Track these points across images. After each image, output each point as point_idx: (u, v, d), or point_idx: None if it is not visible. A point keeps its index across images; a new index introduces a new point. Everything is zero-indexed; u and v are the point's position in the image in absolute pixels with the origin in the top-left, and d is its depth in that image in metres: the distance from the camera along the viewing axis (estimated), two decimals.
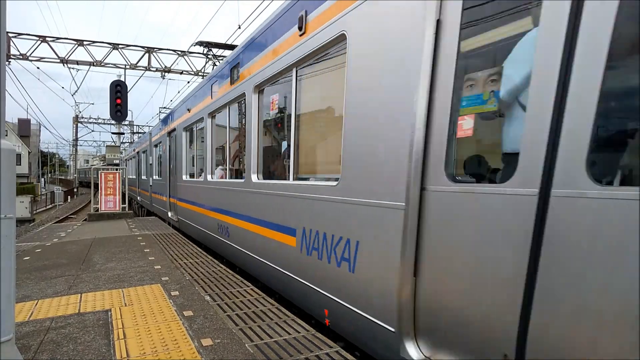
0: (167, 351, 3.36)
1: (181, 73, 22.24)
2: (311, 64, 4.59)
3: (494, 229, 2.34)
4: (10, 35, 18.86)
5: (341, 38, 3.82)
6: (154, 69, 21.60)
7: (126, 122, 45.81)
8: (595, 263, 1.89)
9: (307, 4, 4.43)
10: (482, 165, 2.90)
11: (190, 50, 21.46)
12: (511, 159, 2.37)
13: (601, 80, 1.93)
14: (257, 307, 4.47)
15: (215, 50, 14.95)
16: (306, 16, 4.42)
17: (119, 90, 15.84)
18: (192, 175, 10.74)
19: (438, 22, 2.75)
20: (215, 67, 15.59)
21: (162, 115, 20.67)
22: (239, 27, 16.54)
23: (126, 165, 23.89)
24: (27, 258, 7.27)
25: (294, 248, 4.59)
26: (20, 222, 24.07)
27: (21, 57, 19.40)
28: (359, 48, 3.53)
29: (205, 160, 8.82)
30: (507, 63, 2.59)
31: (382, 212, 3.16)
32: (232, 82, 6.82)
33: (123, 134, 42.87)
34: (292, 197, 4.71)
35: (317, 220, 4.14)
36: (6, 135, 2.43)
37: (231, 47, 12.75)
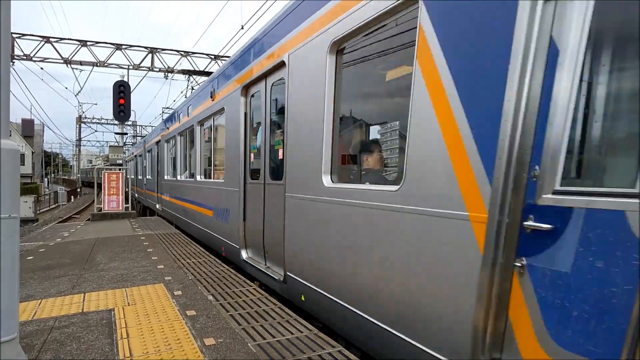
0: (170, 350, 3.37)
1: (184, 73, 22.27)
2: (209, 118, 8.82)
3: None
4: (14, 36, 18.93)
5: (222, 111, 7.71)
6: (157, 70, 21.65)
7: (129, 123, 45.98)
8: None
9: (215, 84, 8.16)
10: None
11: (176, 69, 21.56)
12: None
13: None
14: (260, 307, 4.48)
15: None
16: (215, 91, 8.20)
17: (122, 91, 15.90)
18: (171, 176, 13.85)
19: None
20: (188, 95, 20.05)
21: (166, 115, 20.98)
22: (242, 28, 16.58)
23: (127, 166, 24.88)
24: (31, 258, 7.30)
25: (212, 217, 8.21)
26: (24, 221, 24.17)
27: (25, 57, 19.47)
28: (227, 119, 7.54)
29: (176, 165, 12.67)
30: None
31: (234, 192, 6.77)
32: (188, 115, 10.90)
33: (126, 134, 43.00)
34: (209, 188, 8.60)
35: (216, 199, 7.92)
36: (10, 136, 2.44)
37: (208, 73, 17.24)
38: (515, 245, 2.17)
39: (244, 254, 6.35)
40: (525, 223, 2.12)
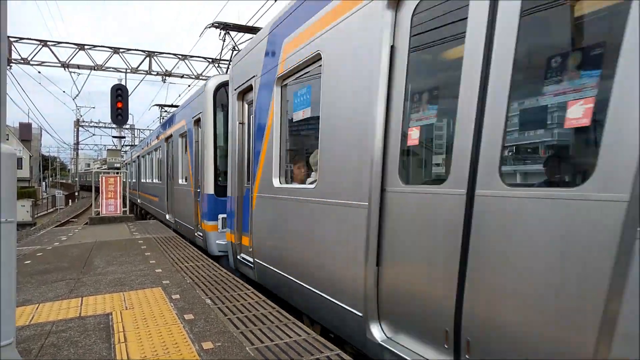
0: (168, 354, 3.36)
1: (182, 77, 22.28)
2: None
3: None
4: (11, 39, 18.92)
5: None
6: (155, 73, 21.64)
7: (127, 126, 45.90)
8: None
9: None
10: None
11: (174, 72, 21.70)
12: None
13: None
14: (258, 310, 4.47)
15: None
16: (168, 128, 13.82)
17: (119, 94, 15.90)
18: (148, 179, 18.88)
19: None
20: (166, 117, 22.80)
21: (165, 118, 21.13)
22: None
23: (126, 169, 25.50)
24: (28, 262, 7.28)
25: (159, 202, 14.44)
26: (22, 226, 24.08)
27: (22, 61, 19.44)
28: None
29: (151, 172, 18.17)
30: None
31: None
32: (158, 138, 15.53)
33: (124, 137, 42.92)
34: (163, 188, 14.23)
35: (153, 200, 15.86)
36: (7, 139, 2.43)
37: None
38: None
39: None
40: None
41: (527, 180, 2.85)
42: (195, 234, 9.66)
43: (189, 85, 23.42)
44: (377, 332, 3.27)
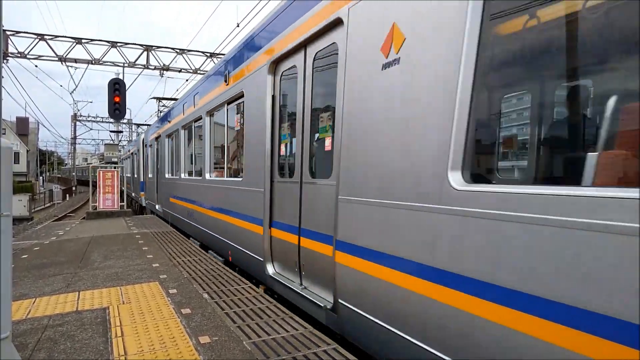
0: (165, 349, 3.36)
1: (179, 71, 22.19)
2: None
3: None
4: (8, 33, 18.80)
5: None
6: (153, 67, 21.55)
7: (125, 121, 45.74)
8: None
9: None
10: None
11: (172, 67, 21.74)
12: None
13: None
14: (255, 305, 4.47)
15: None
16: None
17: (117, 89, 15.80)
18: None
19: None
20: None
21: (163, 113, 21.25)
22: (238, 26, 16.52)
23: (123, 164, 26.06)
24: (25, 256, 7.27)
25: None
26: (19, 220, 24.03)
27: (19, 55, 19.33)
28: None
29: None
30: None
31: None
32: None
33: (122, 132, 42.81)
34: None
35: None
36: (4, 134, 2.43)
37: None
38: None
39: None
40: None
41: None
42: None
43: (187, 80, 23.35)
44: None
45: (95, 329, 3.81)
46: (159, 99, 26.64)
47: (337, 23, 3.83)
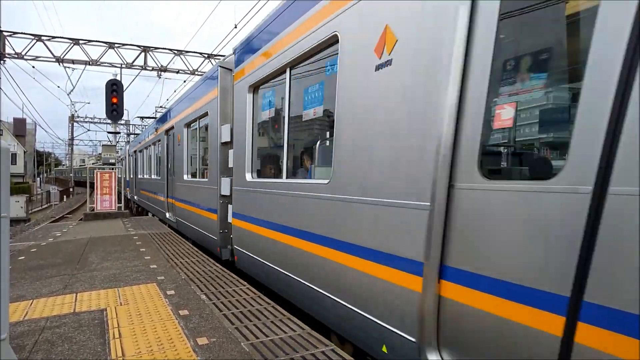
0: (163, 350, 3.36)
1: (177, 72, 22.16)
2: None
3: None
4: (5, 34, 18.75)
5: None
6: (150, 68, 21.52)
7: (122, 122, 45.67)
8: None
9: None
10: None
11: (169, 68, 21.52)
12: None
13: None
14: (253, 306, 4.47)
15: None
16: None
17: (115, 89, 15.78)
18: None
19: None
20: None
21: (159, 114, 21.50)
22: (235, 27, 16.52)
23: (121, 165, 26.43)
24: (22, 258, 7.25)
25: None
26: (16, 221, 23.96)
27: (16, 56, 19.28)
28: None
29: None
30: None
31: None
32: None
33: (119, 133, 42.66)
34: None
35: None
36: (1, 135, 2.42)
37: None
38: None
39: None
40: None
41: None
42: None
43: (184, 81, 23.33)
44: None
45: (92, 331, 3.80)
46: (142, 118, 33.68)
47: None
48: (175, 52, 21.70)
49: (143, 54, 21.27)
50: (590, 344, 1.90)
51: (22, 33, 19.27)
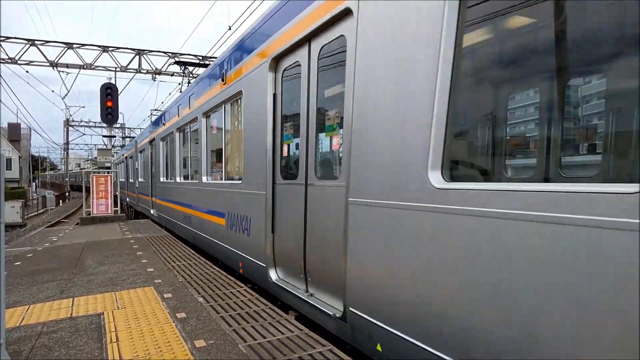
0: (160, 353, 3.36)
1: (172, 75, 22.16)
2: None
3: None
4: None
5: None
6: (145, 72, 21.50)
7: (117, 125, 45.56)
8: None
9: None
10: None
11: (164, 71, 21.73)
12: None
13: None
14: (251, 308, 4.47)
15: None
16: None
17: (109, 93, 15.77)
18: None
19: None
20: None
21: (154, 118, 21.67)
22: (230, 29, 16.52)
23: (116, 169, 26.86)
24: (19, 263, 7.22)
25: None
26: (12, 227, 23.83)
27: (10, 61, 19.22)
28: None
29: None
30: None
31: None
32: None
33: (114, 136, 42.61)
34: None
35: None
36: None
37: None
38: None
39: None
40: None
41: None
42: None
43: (179, 84, 23.30)
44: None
45: (90, 335, 3.80)
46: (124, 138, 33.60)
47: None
48: (170, 54, 21.69)
49: (137, 57, 21.25)
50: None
51: (15, 38, 19.24)
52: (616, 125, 2.66)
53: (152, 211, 15.05)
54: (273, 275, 5.01)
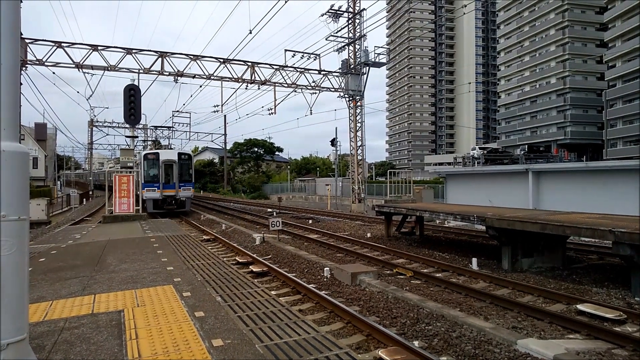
0: (179, 351, 3.39)
1: (193, 77, 22.42)
2: None
3: None
4: (27, 41, 19.22)
5: None
6: (167, 73, 21.81)
7: (140, 126, 46.33)
8: None
9: None
10: None
11: (186, 72, 21.94)
12: None
13: None
14: (268, 308, 4.49)
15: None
16: None
17: (132, 94, 16.04)
18: None
19: None
20: None
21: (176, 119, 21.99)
22: (250, 32, 16.65)
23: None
24: (43, 260, 7.40)
25: None
26: (37, 224, 24.42)
27: (37, 62, 19.73)
28: None
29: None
30: None
31: None
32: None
33: (137, 137, 43.35)
34: None
35: None
36: (22, 139, 2.48)
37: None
38: None
39: None
40: None
41: None
42: None
43: (201, 86, 23.56)
44: None
45: (110, 332, 3.86)
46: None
47: None
48: (192, 57, 21.94)
49: (160, 59, 21.57)
50: None
51: (43, 40, 19.73)
52: None
53: None
54: None
